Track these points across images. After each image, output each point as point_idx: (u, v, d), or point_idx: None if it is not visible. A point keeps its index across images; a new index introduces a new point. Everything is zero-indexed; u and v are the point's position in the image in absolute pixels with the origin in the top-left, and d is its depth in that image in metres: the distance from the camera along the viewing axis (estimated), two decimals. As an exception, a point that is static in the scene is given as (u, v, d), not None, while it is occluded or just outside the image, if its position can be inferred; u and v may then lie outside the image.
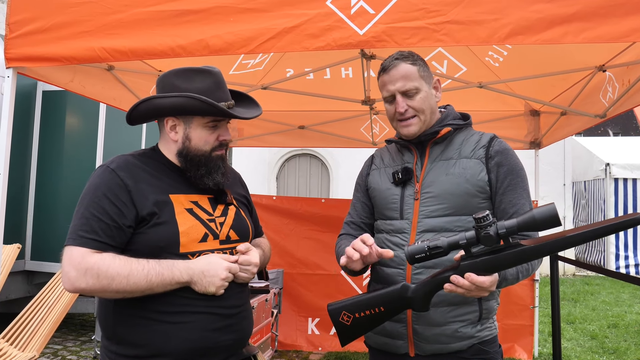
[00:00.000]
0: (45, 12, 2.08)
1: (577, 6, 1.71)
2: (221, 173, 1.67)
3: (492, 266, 1.40)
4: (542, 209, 1.29)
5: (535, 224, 1.30)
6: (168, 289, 1.50)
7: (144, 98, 1.62)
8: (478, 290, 1.44)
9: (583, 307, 7.54)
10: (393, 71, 1.72)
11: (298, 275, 4.85)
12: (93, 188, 1.55)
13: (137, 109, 1.63)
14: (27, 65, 2.16)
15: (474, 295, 1.47)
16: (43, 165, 5.30)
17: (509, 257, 1.38)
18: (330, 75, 4.00)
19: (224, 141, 1.69)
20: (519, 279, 1.62)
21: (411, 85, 1.70)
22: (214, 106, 1.58)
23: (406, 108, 1.72)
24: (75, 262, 1.46)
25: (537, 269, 1.72)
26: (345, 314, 1.59)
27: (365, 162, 1.98)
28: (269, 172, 11.44)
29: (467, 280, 1.41)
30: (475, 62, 3.67)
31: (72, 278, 1.46)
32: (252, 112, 1.74)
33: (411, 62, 1.71)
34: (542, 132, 4.37)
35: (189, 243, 1.56)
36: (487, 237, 1.35)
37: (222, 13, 1.96)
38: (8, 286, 4.81)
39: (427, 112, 1.73)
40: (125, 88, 3.22)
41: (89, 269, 1.44)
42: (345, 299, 1.61)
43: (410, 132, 1.74)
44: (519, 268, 1.59)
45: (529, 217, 1.31)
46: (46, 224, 5.22)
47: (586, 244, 11.50)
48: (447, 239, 1.43)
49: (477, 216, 1.35)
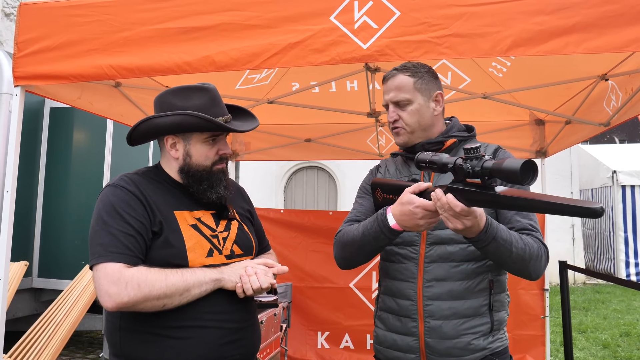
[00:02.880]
0: (53, 31, 2.11)
1: (577, 17, 1.73)
2: (223, 186, 1.71)
3: (468, 199, 1.41)
4: (511, 161, 1.30)
5: (500, 173, 1.30)
6: (203, 290, 1.52)
7: (143, 118, 1.66)
8: (455, 215, 1.42)
9: (594, 316, 7.47)
10: (390, 82, 1.80)
11: (307, 288, 4.83)
12: (110, 206, 1.56)
13: (137, 129, 1.66)
14: (35, 84, 2.19)
15: (455, 224, 1.44)
16: (50, 182, 5.33)
17: (477, 196, 1.39)
18: (335, 88, 4.02)
19: (224, 155, 1.73)
20: (513, 254, 1.55)
21: (402, 96, 1.75)
22: (211, 121, 1.62)
23: (395, 118, 1.78)
24: (114, 278, 1.45)
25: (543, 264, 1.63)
26: (378, 190, 1.81)
27: (371, 169, 2.00)
28: (277, 185, 11.47)
29: (442, 197, 1.42)
30: (479, 73, 3.69)
31: (113, 294, 1.44)
32: (249, 125, 1.78)
33: (410, 74, 1.76)
34: (548, 141, 4.36)
35: (196, 259, 1.58)
36: (460, 168, 1.40)
37: (228, 30, 1.99)
38: (15, 304, 4.80)
39: (415, 125, 1.77)
40: (132, 104, 3.25)
41: (129, 281, 1.45)
42: (384, 179, 1.82)
43: (399, 141, 1.81)
44: (513, 240, 1.54)
45: (498, 163, 1.32)
46: (54, 240, 5.23)
47: (595, 253, 11.42)
48: (445, 158, 1.47)
49: (467, 147, 1.38)
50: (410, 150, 1.82)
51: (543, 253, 1.62)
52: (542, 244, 1.64)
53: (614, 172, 10.30)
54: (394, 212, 1.59)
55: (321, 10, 1.91)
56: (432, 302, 1.69)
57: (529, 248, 1.58)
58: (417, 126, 1.77)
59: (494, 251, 1.53)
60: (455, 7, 1.82)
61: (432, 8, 1.83)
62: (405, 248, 1.74)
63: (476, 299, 1.68)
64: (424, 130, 1.79)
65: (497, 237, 1.51)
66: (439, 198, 1.43)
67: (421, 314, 1.71)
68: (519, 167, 1.25)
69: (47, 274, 5.24)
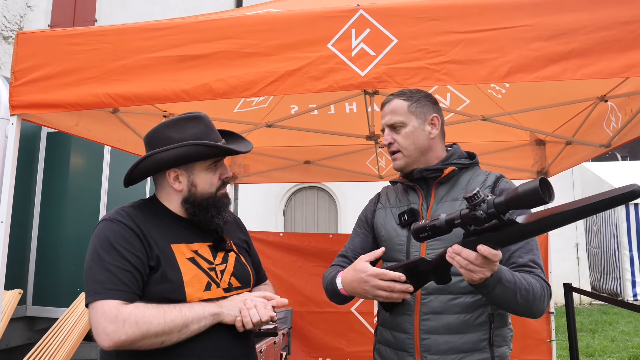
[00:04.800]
0: (50, 60, 2.11)
1: (574, 43, 1.73)
2: (228, 210, 1.71)
3: (497, 242, 1.36)
4: (525, 184, 1.26)
5: (518, 200, 1.26)
6: (202, 325, 1.49)
7: (141, 157, 1.64)
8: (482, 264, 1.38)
9: (602, 338, 7.36)
10: (386, 106, 1.83)
11: (307, 313, 4.76)
12: (106, 241, 1.52)
13: (137, 168, 1.64)
14: (31, 112, 2.17)
15: (482, 274, 1.39)
16: (46, 207, 5.27)
17: (502, 235, 1.34)
18: (334, 110, 4.02)
19: (226, 179, 1.73)
20: (518, 297, 1.51)
21: (396, 119, 1.77)
22: (217, 147, 1.63)
23: (390, 141, 1.79)
24: (111, 316, 1.41)
25: (546, 303, 1.60)
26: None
27: (371, 199, 1.98)
28: (276, 206, 11.43)
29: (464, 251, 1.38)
30: (478, 94, 3.69)
31: (110, 332, 1.40)
32: (246, 147, 1.78)
33: (404, 98, 1.78)
34: (549, 161, 4.34)
35: (193, 293, 1.56)
36: (475, 218, 1.33)
37: (225, 57, 1.99)
38: (8, 333, 4.68)
39: (410, 148, 1.77)
40: (130, 130, 3.24)
41: (126, 319, 1.41)
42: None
43: (396, 166, 1.81)
44: (517, 281, 1.51)
45: (513, 193, 1.27)
46: (49, 267, 5.15)
47: (601, 272, 11.32)
48: (445, 216, 1.42)
49: (466, 196, 1.33)
50: (408, 176, 1.81)
51: (546, 292, 1.58)
52: (544, 282, 1.61)
53: (616, 190, 10.24)
54: (344, 277, 1.64)
55: (319, 37, 1.91)
56: (428, 336, 1.65)
57: (533, 288, 1.54)
58: (413, 149, 1.76)
59: (499, 294, 1.49)
60: (452, 33, 1.82)
61: (429, 35, 1.83)
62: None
63: (475, 333, 1.64)
64: (420, 154, 1.78)
65: (502, 280, 1.47)
66: (458, 251, 1.39)
67: (418, 349, 1.67)
68: (538, 186, 1.20)
69: (42, 301, 5.12)
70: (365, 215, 1.93)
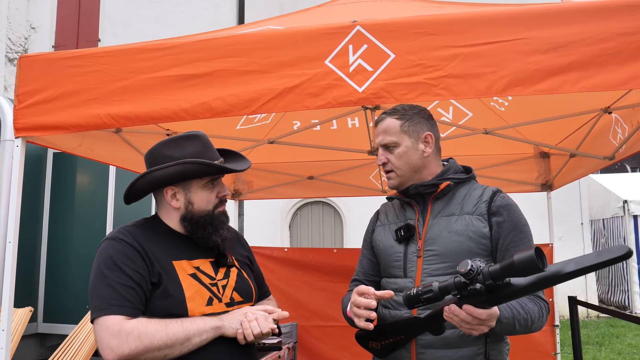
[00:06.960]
0: (52, 82, 2.13)
1: (573, 56, 1.72)
2: (226, 228, 1.73)
3: (490, 302, 1.42)
4: (521, 254, 1.29)
5: (514, 269, 1.29)
6: (204, 338, 1.52)
7: (138, 175, 1.68)
8: (480, 323, 1.43)
9: (609, 351, 7.25)
10: (379, 125, 1.83)
11: (313, 327, 4.75)
12: (109, 259, 1.57)
13: (135, 185, 1.67)
14: (35, 135, 2.20)
15: (481, 330, 1.45)
16: (54, 227, 5.33)
17: (499, 297, 1.40)
18: (337, 125, 4.03)
19: (223, 197, 1.75)
20: (517, 328, 1.55)
21: (389, 139, 1.77)
22: (213, 166, 1.65)
23: (384, 161, 1.80)
24: (114, 330, 1.46)
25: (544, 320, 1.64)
26: (372, 342, 1.80)
27: (371, 218, 1.98)
28: (282, 221, 11.41)
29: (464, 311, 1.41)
30: (480, 107, 3.68)
31: (114, 347, 1.45)
32: (243, 165, 1.80)
33: (397, 117, 1.77)
34: (553, 173, 4.32)
35: (195, 308, 1.58)
36: (475, 291, 1.38)
37: (224, 76, 2.00)
38: (20, 350, 4.76)
39: (404, 168, 1.77)
40: (134, 149, 3.26)
41: (130, 333, 1.45)
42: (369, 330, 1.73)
43: (390, 185, 1.82)
44: (515, 313, 1.54)
45: (509, 263, 1.31)
46: (58, 285, 5.21)
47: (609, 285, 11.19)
48: (438, 284, 1.43)
49: (462, 271, 1.35)
50: (405, 192, 1.81)
51: (544, 311, 1.63)
52: (542, 302, 1.64)
53: (625, 202, 10.16)
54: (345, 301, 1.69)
55: (316, 54, 1.91)
56: (424, 351, 1.66)
57: (531, 315, 1.58)
58: (406, 169, 1.77)
59: (499, 330, 1.54)
60: (450, 48, 1.82)
61: (426, 50, 1.83)
62: (400, 294, 1.70)
63: (470, 347, 1.64)
64: (414, 172, 1.79)
65: (500, 319, 1.50)
66: (456, 313, 1.43)
67: None
68: (534, 256, 1.25)
69: (52, 319, 5.21)
70: (367, 235, 1.95)
